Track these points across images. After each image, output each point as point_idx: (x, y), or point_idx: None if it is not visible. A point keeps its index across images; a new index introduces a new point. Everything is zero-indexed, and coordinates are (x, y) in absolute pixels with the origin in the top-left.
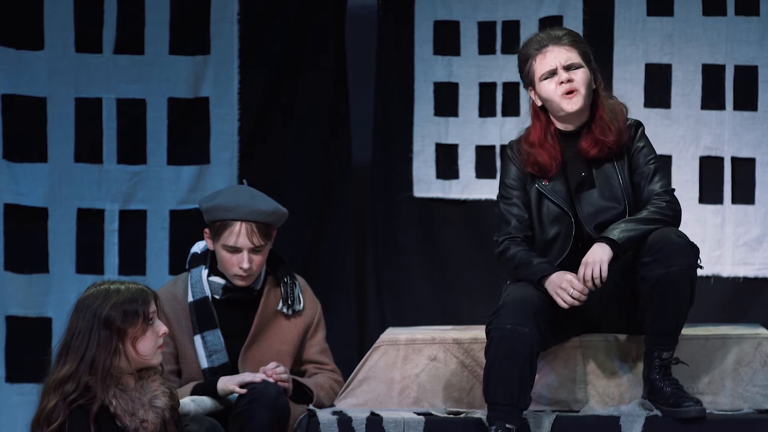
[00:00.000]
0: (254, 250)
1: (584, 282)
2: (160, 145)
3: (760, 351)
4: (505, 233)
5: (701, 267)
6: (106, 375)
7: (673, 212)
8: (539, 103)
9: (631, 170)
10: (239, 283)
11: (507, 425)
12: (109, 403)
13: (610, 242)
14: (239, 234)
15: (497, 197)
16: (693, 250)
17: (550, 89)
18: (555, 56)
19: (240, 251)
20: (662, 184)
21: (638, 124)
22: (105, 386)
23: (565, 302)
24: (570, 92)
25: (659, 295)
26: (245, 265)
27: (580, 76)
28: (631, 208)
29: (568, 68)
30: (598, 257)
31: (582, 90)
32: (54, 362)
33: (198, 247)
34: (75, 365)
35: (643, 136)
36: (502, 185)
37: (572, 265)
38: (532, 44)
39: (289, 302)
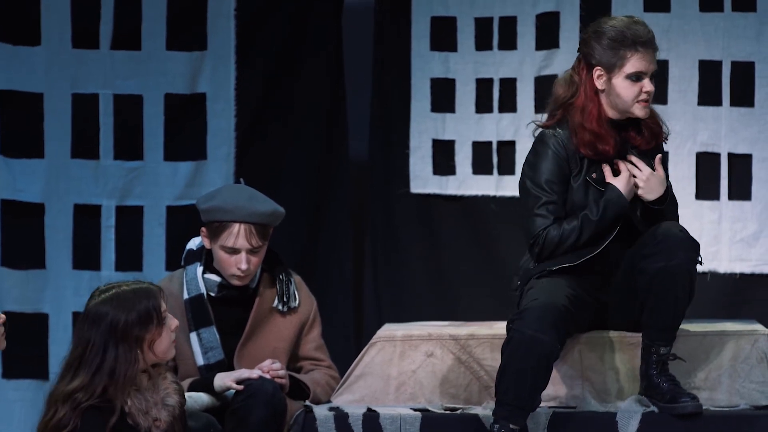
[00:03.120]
0: (252, 251)
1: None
2: (157, 140)
3: (757, 347)
4: (540, 227)
5: (701, 263)
6: (128, 383)
7: None
8: (600, 87)
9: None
10: (236, 282)
11: (511, 425)
12: (124, 403)
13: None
14: (238, 235)
15: (527, 191)
16: (694, 245)
17: (630, 91)
18: (649, 62)
19: (238, 252)
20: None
21: None
22: (121, 390)
23: (645, 182)
24: (647, 101)
25: (658, 288)
26: (243, 266)
27: (653, 87)
28: None
29: (652, 77)
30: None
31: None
32: (62, 373)
33: (193, 243)
34: (88, 378)
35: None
36: (539, 182)
37: (607, 253)
38: (629, 32)
39: (285, 299)
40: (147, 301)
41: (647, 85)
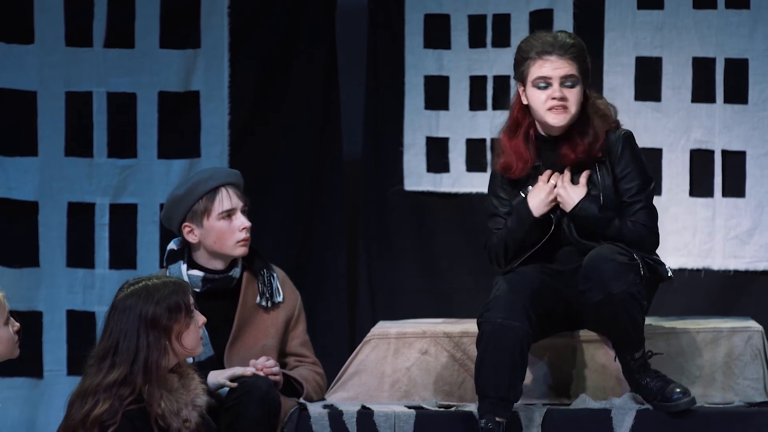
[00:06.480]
0: (244, 212)
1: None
2: (151, 138)
3: (751, 344)
4: (488, 236)
5: (643, 277)
6: (157, 376)
7: (638, 236)
8: (525, 103)
9: (615, 179)
10: (241, 251)
11: (497, 418)
12: (158, 405)
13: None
14: (229, 196)
15: (487, 207)
16: (629, 267)
17: (539, 99)
18: (554, 68)
19: (235, 212)
20: (642, 216)
21: (627, 136)
22: (157, 388)
23: (557, 194)
24: (559, 108)
25: (606, 320)
26: (247, 224)
27: (575, 96)
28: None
29: (563, 83)
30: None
31: (573, 109)
32: (94, 365)
33: (174, 243)
34: (128, 368)
35: (629, 147)
36: (490, 194)
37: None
38: (536, 43)
39: (267, 295)
40: (175, 294)
41: (555, 90)
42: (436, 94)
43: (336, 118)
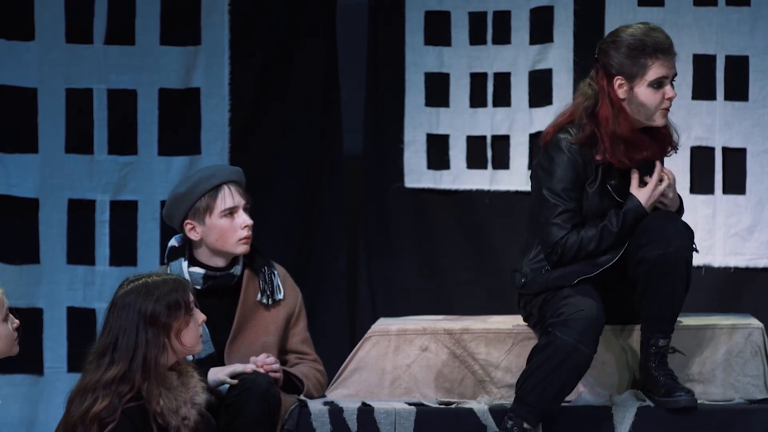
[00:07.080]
0: (246, 210)
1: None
2: (151, 135)
3: (751, 341)
4: (558, 236)
5: (696, 250)
6: (156, 373)
7: None
8: (622, 97)
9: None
10: (242, 249)
11: (525, 425)
12: (157, 403)
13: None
14: (232, 194)
15: (544, 199)
16: (689, 233)
17: (653, 98)
18: (670, 68)
19: (237, 210)
20: None
21: None
22: (156, 385)
23: (665, 193)
24: (668, 108)
25: (656, 276)
26: (249, 221)
27: (675, 93)
28: None
29: (672, 83)
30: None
31: None
32: (93, 362)
33: (175, 240)
34: (126, 365)
35: None
36: (556, 189)
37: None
38: (649, 40)
39: (268, 293)
40: (175, 292)
41: (669, 91)
42: (437, 92)
43: (336, 115)
